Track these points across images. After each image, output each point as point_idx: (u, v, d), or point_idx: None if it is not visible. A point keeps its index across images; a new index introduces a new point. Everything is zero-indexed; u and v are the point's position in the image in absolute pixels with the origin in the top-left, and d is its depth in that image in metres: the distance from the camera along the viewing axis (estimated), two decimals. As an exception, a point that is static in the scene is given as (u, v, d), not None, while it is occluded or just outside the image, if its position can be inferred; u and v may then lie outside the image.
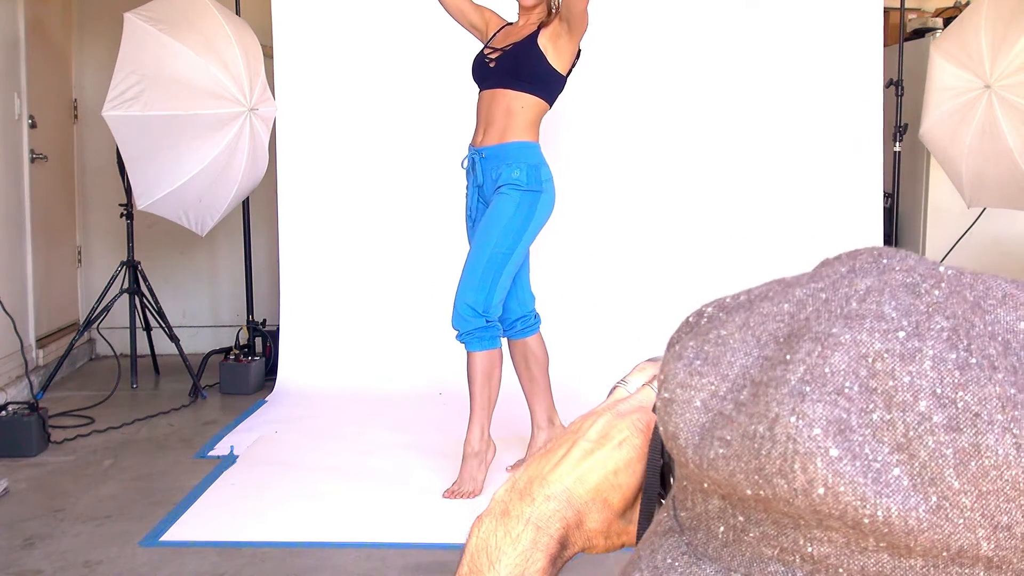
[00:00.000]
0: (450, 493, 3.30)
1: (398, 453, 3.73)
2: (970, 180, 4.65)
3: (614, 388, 0.61)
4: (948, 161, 4.74)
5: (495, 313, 3.30)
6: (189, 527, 3.10)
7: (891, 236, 5.09)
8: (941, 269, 0.41)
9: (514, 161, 3.28)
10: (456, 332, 3.32)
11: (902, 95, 4.93)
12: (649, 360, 0.61)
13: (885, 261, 0.42)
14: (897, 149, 5.01)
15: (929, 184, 5.36)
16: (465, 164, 3.41)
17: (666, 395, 0.43)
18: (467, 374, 3.33)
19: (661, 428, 0.44)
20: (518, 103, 3.27)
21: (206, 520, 3.16)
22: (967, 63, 4.49)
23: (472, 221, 3.42)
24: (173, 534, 3.04)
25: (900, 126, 4.97)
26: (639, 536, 0.54)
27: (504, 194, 3.28)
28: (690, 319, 0.46)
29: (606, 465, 0.56)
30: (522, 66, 3.26)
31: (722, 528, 0.42)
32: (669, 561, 0.44)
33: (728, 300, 0.45)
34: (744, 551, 0.41)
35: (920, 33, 5.38)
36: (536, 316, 3.50)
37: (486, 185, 3.35)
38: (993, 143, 4.48)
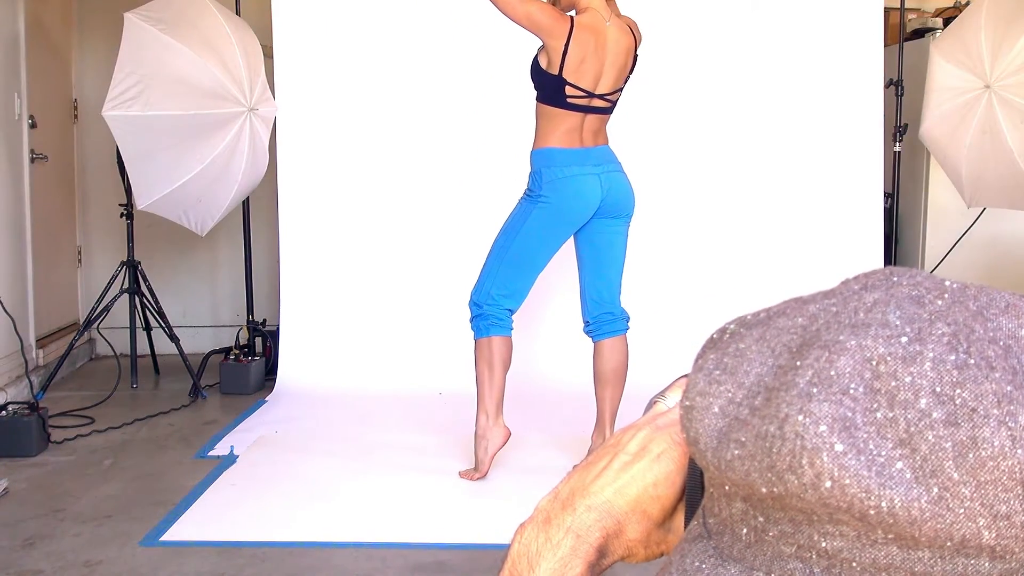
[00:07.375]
0: (464, 473, 3.49)
1: (398, 453, 3.73)
2: (970, 180, 4.65)
3: (653, 402, 0.63)
4: (948, 161, 4.74)
5: (496, 304, 3.40)
6: (189, 527, 3.10)
7: (891, 236, 5.08)
8: (947, 283, 0.44)
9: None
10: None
11: (902, 95, 4.93)
12: (686, 376, 0.63)
13: (895, 279, 0.45)
14: (897, 149, 5.01)
15: (929, 184, 5.35)
16: None
17: (687, 403, 0.47)
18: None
19: (684, 434, 0.47)
20: (536, 111, 3.41)
21: (206, 520, 3.16)
22: (967, 63, 4.49)
23: None
24: (173, 534, 3.04)
25: (900, 126, 4.97)
26: None
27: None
28: (714, 335, 0.49)
29: (645, 477, 0.58)
30: (530, 75, 3.40)
31: (745, 530, 0.45)
32: (697, 564, 0.47)
33: (748, 317, 0.49)
34: (765, 551, 0.44)
35: (920, 33, 5.38)
36: (601, 322, 3.50)
37: None
38: (993, 143, 4.48)
